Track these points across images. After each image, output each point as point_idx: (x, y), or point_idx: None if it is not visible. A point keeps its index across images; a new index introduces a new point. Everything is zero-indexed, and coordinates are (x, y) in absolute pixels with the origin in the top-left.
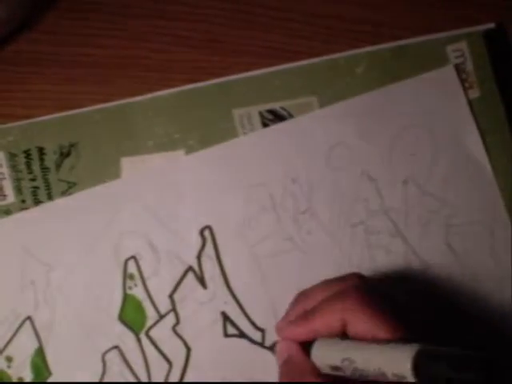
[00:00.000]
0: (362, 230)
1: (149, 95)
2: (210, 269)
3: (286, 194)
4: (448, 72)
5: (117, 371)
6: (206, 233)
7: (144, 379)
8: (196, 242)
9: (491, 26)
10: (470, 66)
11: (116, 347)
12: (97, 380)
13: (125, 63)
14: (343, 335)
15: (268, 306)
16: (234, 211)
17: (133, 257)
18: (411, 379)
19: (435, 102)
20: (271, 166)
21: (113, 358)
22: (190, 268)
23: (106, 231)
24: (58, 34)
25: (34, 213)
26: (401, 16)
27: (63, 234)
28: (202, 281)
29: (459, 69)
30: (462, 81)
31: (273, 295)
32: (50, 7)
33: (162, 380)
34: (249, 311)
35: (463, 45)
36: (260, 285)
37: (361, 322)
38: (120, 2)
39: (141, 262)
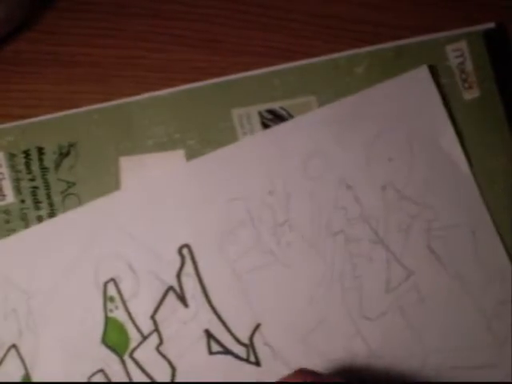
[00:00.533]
0: (342, 239)
1: (148, 95)
2: (190, 287)
3: (264, 207)
4: (422, 73)
5: None
6: (185, 251)
7: None
8: (175, 261)
9: (491, 25)
10: (469, 66)
11: (101, 371)
12: None
13: (124, 63)
14: None
15: (251, 320)
16: (212, 228)
17: (112, 279)
18: None
19: (410, 104)
20: (247, 179)
21: (98, 381)
22: (171, 288)
23: (84, 255)
24: (57, 34)
25: (12, 241)
26: (401, 16)
27: (40, 261)
28: (183, 300)
29: (459, 69)
30: (462, 81)
31: (256, 310)
32: (49, 7)
33: None
34: (232, 327)
35: (463, 44)
36: (242, 300)
37: None
38: (119, 2)
39: (120, 285)
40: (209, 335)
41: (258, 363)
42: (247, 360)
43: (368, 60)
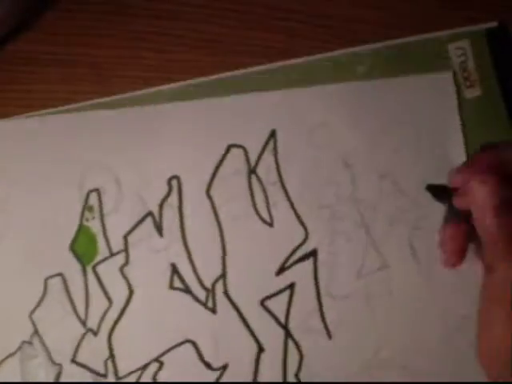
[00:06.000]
0: (327, 213)
1: None
2: (169, 218)
3: (261, 162)
4: (446, 78)
5: (56, 298)
6: (174, 182)
7: (81, 312)
8: (162, 189)
9: (493, 24)
10: (471, 65)
11: (60, 274)
12: (34, 303)
13: (124, 63)
14: None
15: (219, 267)
16: (207, 168)
17: (96, 189)
18: None
19: (428, 105)
20: (253, 131)
21: (55, 284)
22: (151, 213)
23: (75, 160)
24: (57, 34)
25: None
26: (403, 15)
27: (29, 155)
28: (159, 228)
29: (461, 67)
30: (464, 79)
31: (227, 258)
32: (49, 7)
33: (98, 315)
34: (199, 269)
35: (465, 43)
36: (216, 246)
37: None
38: (119, 2)
39: (103, 197)
40: (174, 270)
41: (214, 310)
42: (205, 305)
43: (371, 59)
